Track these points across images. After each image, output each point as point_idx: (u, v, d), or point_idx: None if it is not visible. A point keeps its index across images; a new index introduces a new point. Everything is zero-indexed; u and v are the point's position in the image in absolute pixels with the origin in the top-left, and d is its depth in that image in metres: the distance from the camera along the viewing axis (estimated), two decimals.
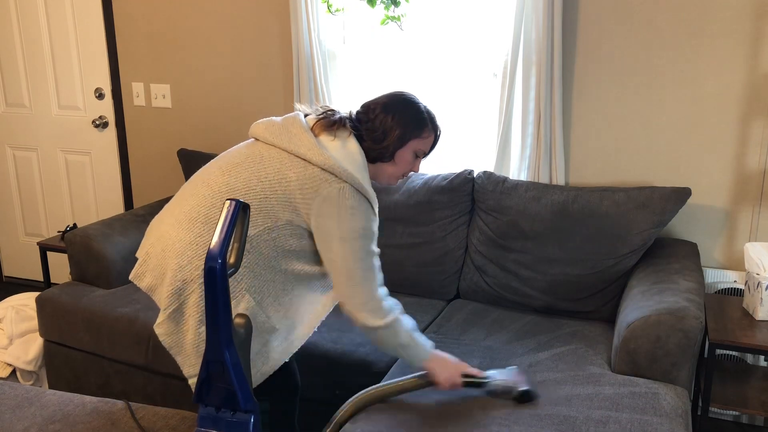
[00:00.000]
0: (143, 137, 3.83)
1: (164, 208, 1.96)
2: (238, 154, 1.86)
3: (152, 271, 1.84)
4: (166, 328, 1.81)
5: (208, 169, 1.90)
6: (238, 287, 1.73)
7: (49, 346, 2.91)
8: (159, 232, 1.86)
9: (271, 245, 1.75)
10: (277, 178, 1.75)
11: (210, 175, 1.84)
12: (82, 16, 3.77)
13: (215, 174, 1.83)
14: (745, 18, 2.56)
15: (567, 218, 2.63)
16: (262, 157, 1.79)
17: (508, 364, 2.19)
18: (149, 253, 1.86)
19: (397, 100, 1.86)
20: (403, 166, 1.89)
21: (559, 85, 2.75)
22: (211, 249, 1.37)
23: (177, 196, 1.93)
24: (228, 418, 1.44)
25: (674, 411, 1.89)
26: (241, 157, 1.82)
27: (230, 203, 1.43)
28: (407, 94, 1.90)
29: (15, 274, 4.43)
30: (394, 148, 1.84)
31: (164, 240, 1.82)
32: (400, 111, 1.84)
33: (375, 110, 1.85)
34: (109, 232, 2.98)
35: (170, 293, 1.76)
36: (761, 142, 2.63)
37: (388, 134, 1.83)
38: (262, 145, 1.83)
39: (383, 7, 3.04)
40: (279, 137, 1.79)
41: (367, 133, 1.84)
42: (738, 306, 2.45)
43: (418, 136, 1.86)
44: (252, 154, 1.81)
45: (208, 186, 1.81)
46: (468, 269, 2.80)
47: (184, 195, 1.88)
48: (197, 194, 1.82)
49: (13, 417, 1.87)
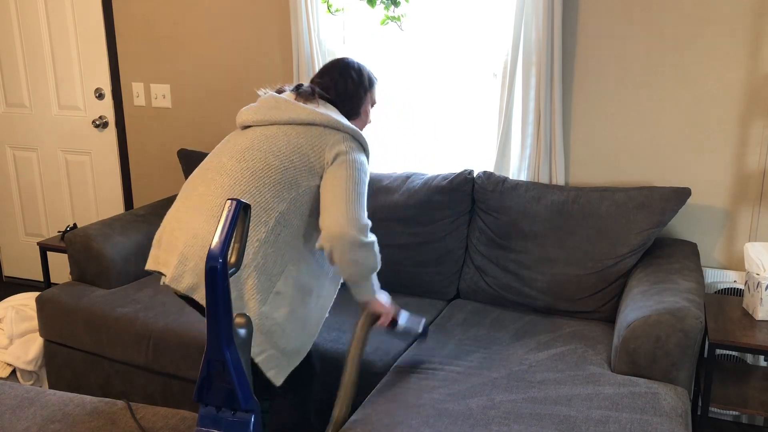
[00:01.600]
0: (143, 137, 3.83)
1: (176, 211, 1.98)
2: (240, 141, 1.97)
3: (192, 270, 1.86)
4: None
5: (216, 161, 1.96)
6: (282, 262, 1.88)
7: (49, 346, 2.92)
8: (190, 231, 1.89)
9: (298, 214, 1.91)
10: (290, 149, 1.92)
11: (223, 166, 1.93)
12: (82, 16, 3.78)
13: (228, 163, 1.92)
14: (745, 18, 2.56)
15: (567, 218, 2.63)
16: (266, 137, 1.95)
17: (509, 363, 2.20)
18: (185, 254, 1.88)
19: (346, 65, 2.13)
20: (366, 117, 2.19)
21: (559, 85, 2.75)
22: (212, 249, 1.37)
23: (188, 195, 1.97)
24: (228, 417, 1.44)
25: (674, 411, 1.89)
26: (246, 142, 1.96)
27: (231, 203, 1.43)
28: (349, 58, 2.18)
29: (15, 274, 4.43)
30: (358, 104, 2.12)
31: (201, 237, 1.87)
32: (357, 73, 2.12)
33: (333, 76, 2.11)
34: (109, 232, 2.98)
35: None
36: (761, 142, 2.63)
37: (356, 95, 2.11)
38: (259, 128, 1.99)
39: (383, 7, 3.04)
40: (275, 115, 1.97)
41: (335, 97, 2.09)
42: (738, 306, 2.45)
43: (370, 88, 2.17)
44: (256, 137, 1.96)
45: (228, 176, 1.91)
46: (468, 269, 2.80)
47: (200, 192, 1.93)
48: (219, 186, 1.90)
49: (13, 417, 1.87)
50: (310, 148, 1.91)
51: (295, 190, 1.90)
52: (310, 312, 1.97)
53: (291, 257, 1.90)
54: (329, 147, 1.92)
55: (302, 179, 1.91)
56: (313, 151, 1.91)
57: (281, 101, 2.01)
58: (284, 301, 1.89)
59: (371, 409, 1.97)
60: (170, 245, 1.95)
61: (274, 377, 1.89)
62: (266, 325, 1.85)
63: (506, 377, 2.11)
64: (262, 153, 1.91)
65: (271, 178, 1.88)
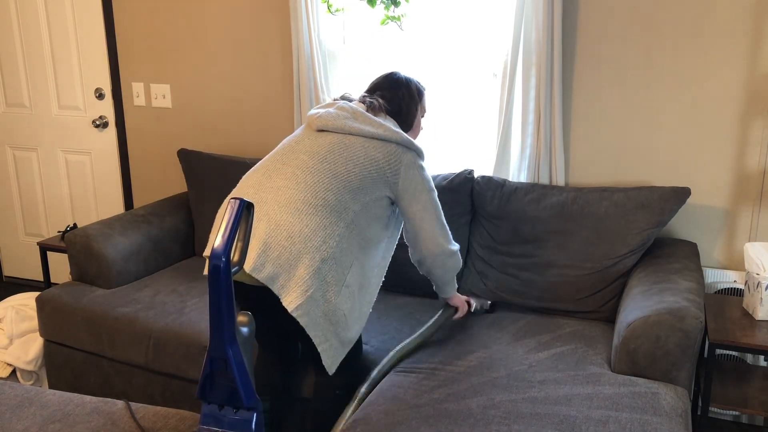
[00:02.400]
0: (143, 137, 3.83)
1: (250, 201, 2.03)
2: (319, 143, 2.10)
3: (275, 260, 1.93)
4: (305, 309, 1.92)
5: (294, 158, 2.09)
6: (351, 257, 2.04)
7: (49, 346, 2.91)
8: (273, 221, 1.97)
9: (367, 217, 2.08)
10: (368, 160, 2.07)
11: (304, 163, 2.07)
12: (82, 16, 3.78)
13: (310, 162, 2.06)
14: (745, 18, 2.56)
15: (567, 220, 2.63)
16: (346, 146, 2.09)
17: (509, 363, 2.20)
18: (268, 243, 1.94)
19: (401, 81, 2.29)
20: (418, 129, 2.36)
21: (559, 85, 2.76)
22: (215, 248, 1.37)
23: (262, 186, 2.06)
24: (231, 415, 1.44)
25: (674, 411, 1.90)
26: (327, 146, 2.09)
27: (234, 202, 1.43)
28: (399, 73, 2.32)
29: (15, 274, 4.43)
30: (413, 118, 2.30)
31: (285, 228, 1.95)
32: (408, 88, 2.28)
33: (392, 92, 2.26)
34: (109, 232, 2.98)
35: (311, 275, 1.93)
36: (761, 142, 2.64)
37: (412, 109, 2.28)
38: (337, 135, 2.12)
39: (383, 7, 3.05)
40: (353, 126, 2.11)
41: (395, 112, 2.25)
42: (738, 306, 2.45)
43: (422, 102, 2.33)
44: (336, 143, 2.10)
45: (311, 174, 2.04)
46: (468, 270, 2.80)
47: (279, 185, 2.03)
48: (302, 182, 2.02)
49: (13, 417, 1.87)
50: (386, 163, 2.08)
51: (369, 195, 2.07)
52: (364, 306, 2.14)
53: (357, 254, 2.07)
54: (404, 167, 2.11)
55: (376, 188, 2.08)
56: (389, 166, 2.09)
57: (358, 113, 2.15)
58: (351, 294, 2.05)
59: (371, 409, 1.97)
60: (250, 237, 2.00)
61: (330, 366, 2.02)
62: (337, 315, 2.00)
63: (506, 377, 2.11)
64: (343, 159, 2.06)
65: (351, 183, 2.04)
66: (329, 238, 1.98)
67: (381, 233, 2.16)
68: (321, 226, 1.97)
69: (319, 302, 1.95)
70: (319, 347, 1.98)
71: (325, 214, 1.99)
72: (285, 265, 1.93)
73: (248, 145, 3.57)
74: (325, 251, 1.96)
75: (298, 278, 1.93)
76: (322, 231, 1.97)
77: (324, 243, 1.96)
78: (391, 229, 2.22)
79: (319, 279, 1.95)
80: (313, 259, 1.94)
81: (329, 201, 2.01)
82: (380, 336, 2.47)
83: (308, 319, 1.94)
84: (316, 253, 1.94)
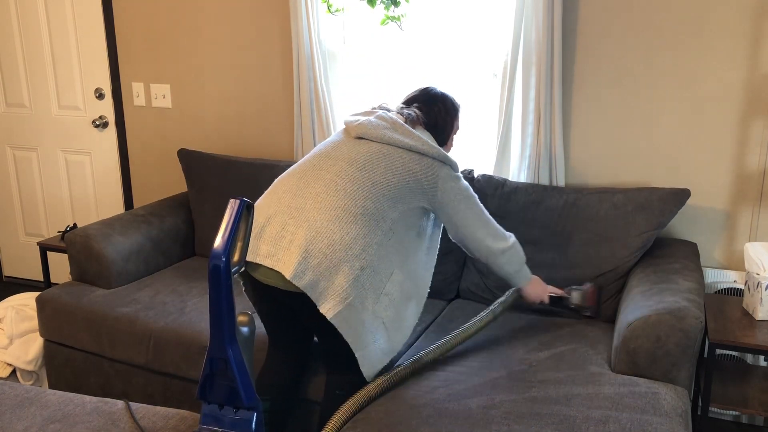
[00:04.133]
0: (143, 137, 3.83)
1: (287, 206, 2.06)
2: (358, 151, 2.11)
3: (315, 267, 1.94)
4: (343, 316, 1.93)
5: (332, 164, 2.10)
6: (390, 266, 2.05)
7: (49, 346, 2.91)
8: (313, 228, 1.98)
9: (405, 225, 2.10)
10: (406, 171, 2.09)
11: (343, 171, 2.07)
12: (82, 16, 3.78)
13: (349, 170, 2.07)
14: (745, 18, 2.56)
15: (567, 222, 2.63)
16: (385, 155, 2.10)
17: (509, 363, 2.20)
18: (309, 250, 1.95)
19: (437, 96, 2.31)
20: (451, 144, 2.39)
21: (559, 86, 2.76)
22: (215, 248, 1.38)
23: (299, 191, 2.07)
24: (231, 415, 1.44)
25: (674, 411, 1.90)
26: (366, 154, 2.10)
27: (234, 202, 1.44)
28: (436, 88, 2.34)
29: (15, 274, 4.43)
30: (449, 133, 2.33)
31: (326, 236, 1.96)
32: (444, 103, 2.30)
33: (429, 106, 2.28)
34: (109, 232, 2.98)
35: (350, 283, 1.95)
36: (761, 142, 2.64)
37: (447, 124, 2.31)
38: (375, 144, 2.13)
39: (383, 7, 3.05)
40: (392, 137, 2.12)
41: (431, 126, 2.27)
42: (738, 306, 2.45)
43: (456, 118, 2.35)
44: (374, 152, 2.11)
45: (350, 181, 2.05)
46: (468, 270, 2.80)
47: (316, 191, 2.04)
48: (342, 189, 2.03)
49: (13, 417, 1.87)
50: (423, 176, 2.10)
51: (406, 204, 2.09)
52: (408, 317, 2.15)
53: (397, 263, 2.08)
54: (441, 180, 2.13)
55: (413, 198, 2.10)
56: (426, 179, 2.11)
57: (398, 124, 2.16)
58: (391, 303, 2.06)
59: (371, 409, 1.97)
60: (281, 239, 2.01)
61: (368, 373, 2.04)
62: (375, 324, 2.01)
63: (506, 377, 2.11)
64: (382, 169, 2.08)
65: (390, 191, 2.06)
66: (368, 247, 2.00)
67: (417, 242, 2.18)
68: (360, 235, 1.99)
69: (358, 309, 1.97)
70: (357, 353, 1.99)
71: (364, 222, 2.01)
72: (325, 273, 1.94)
73: (248, 145, 3.57)
74: (364, 259, 1.98)
75: (337, 286, 1.94)
76: (361, 239, 1.99)
77: (363, 251, 1.98)
78: (427, 238, 2.24)
79: (357, 287, 1.96)
80: (352, 268, 1.96)
81: (368, 209, 2.03)
82: None
83: (347, 326, 1.96)
84: (355, 262, 1.96)
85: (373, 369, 2.05)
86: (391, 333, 2.08)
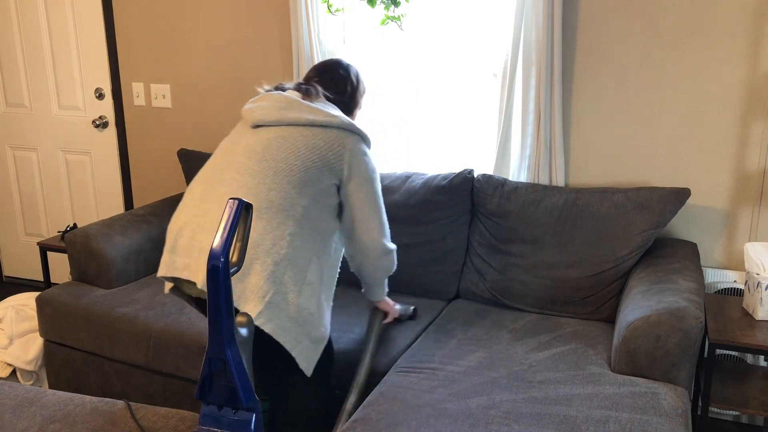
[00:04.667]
0: (143, 137, 3.83)
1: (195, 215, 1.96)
2: (256, 141, 2.01)
3: None
4: (267, 315, 1.86)
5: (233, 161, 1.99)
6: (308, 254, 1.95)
7: (49, 346, 2.91)
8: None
9: (318, 209, 2.00)
10: (308, 149, 1.98)
11: (243, 165, 1.97)
12: (82, 16, 3.78)
13: (248, 163, 1.97)
14: (745, 18, 2.56)
15: (567, 222, 2.63)
16: (284, 139, 1.99)
17: (509, 363, 2.20)
18: None
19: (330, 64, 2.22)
20: (356, 117, 2.29)
21: (559, 85, 2.76)
22: (214, 248, 1.37)
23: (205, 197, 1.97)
24: (230, 416, 1.44)
25: (674, 411, 1.89)
26: (264, 143, 2.00)
27: (233, 202, 1.43)
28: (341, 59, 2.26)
29: (15, 274, 4.43)
30: (355, 101, 2.24)
31: None
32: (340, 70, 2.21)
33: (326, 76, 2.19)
34: (109, 232, 2.98)
35: (265, 280, 1.85)
36: (761, 142, 2.63)
37: (349, 91, 2.21)
38: (273, 128, 2.02)
39: (383, 7, 3.05)
40: (289, 116, 2.01)
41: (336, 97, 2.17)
42: (738, 306, 2.45)
43: (359, 83, 2.26)
44: (272, 138, 2.00)
45: (251, 176, 1.95)
46: (468, 270, 2.80)
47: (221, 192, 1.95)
48: (243, 185, 1.94)
49: (13, 417, 1.87)
50: (329, 150, 1.99)
51: (316, 186, 1.99)
52: (327, 300, 2.08)
53: (315, 250, 1.99)
54: (348, 152, 2.02)
55: (323, 178, 2.00)
56: (332, 152, 2.00)
57: (293, 102, 2.05)
58: (314, 292, 1.98)
59: (371, 409, 1.97)
60: (192, 249, 1.92)
61: (307, 368, 1.96)
62: (303, 316, 1.93)
63: (506, 377, 2.11)
64: (283, 153, 1.97)
65: (295, 177, 1.95)
66: (280, 240, 1.90)
67: (334, 223, 2.09)
68: (268, 229, 1.89)
69: (281, 306, 1.88)
70: (292, 352, 1.91)
71: (272, 216, 1.91)
72: (238, 275, 1.86)
73: None
74: (277, 253, 1.88)
75: (252, 285, 1.86)
76: (270, 234, 1.89)
77: (274, 246, 1.89)
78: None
79: (275, 283, 1.87)
80: (264, 264, 1.86)
81: (274, 201, 1.92)
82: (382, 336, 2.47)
83: (274, 326, 1.88)
84: (267, 258, 1.87)
85: (312, 363, 1.98)
86: (318, 321, 1.99)
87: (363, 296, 2.81)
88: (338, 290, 2.86)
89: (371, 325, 2.36)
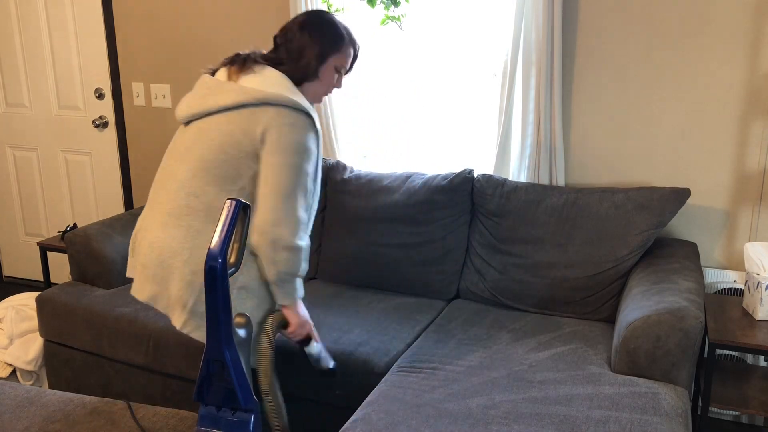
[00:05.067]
0: (143, 137, 3.83)
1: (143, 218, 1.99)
2: (182, 141, 1.92)
3: (152, 279, 1.87)
4: (193, 324, 1.84)
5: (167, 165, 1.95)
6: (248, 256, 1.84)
7: (49, 346, 2.91)
8: (148, 240, 1.89)
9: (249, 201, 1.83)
10: (221, 139, 1.81)
11: (170, 170, 1.91)
12: (82, 16, 3.78)
13: (174, 167, 1.89)
14: (744, 18, 2.56)
15: (567, 221, 2.63)
16: (201, 130, 1.85)
17: (509, 363, 2.20)
18: (145, 264, 1.89)
19: (313, 19, 1.92)
20: (327, 83, 1.95)
21: (559, 86, 2.75)
22: (212, 249, 1.37)
23: (150, 201, 1.97)
24: (228, 417, 1.44)
25: (674, 411, 1.89)
26: (187, 142, 1.90)
27: (230, 203, 1.43)
28: (323, 12, 1.95)
29: (15, 274, 4.43)
30: (316, 65, 1.90)
31: (157, 245, 1.87)
32: (317, 28, 1.90)
33: (292, 30, 1.91)
34: (109, 232, 2.98)
35: (183, 287, 1.81)
36: (761, 142, 2.63)
37: (306, 52, 1.88)
38: (196, 122, 1.89)
39: (383, 7, 3.04)
40: (207, 104, 1.84)
41: (286, 56, 1.90)
42: (738, 306, 2.45)
43: (337, 51, 1.93)
44: (193, 134, 1.89)
45: (174, 179, 1.88)
46: (468, 270, 2.80)
47: (155, 200, 1.93)
48: (169, 191, 1.88)
49: (13, 417, 1.87)
50: (242, 134, 1.77)
51: (239, 180, 1.81)
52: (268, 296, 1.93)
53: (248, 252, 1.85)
54: (262, 126, 1.76)
55: (243, 168, 1.80)
56: (245, 135, 1.77)
57: (213, 86, 1.86)
58: (251, 294, 1.86)
59: (371, 409, 1.97)
60: (138, 254, 1.96)
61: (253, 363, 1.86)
62: None
63: (506, 377, 2.11)
64: (198, 151, 1.83)
65: (211, 175, 1.80)
66: (199, 248, 1.81)
67: None
68: (188, 236, 1.81)
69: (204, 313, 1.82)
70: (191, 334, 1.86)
71: (191, 221, 1.82)
72: (162, 283, 1.85)
73: None
74: (194, 263, 1.81)
75: (174, 296, 1.84)
76: (189, 241, 1.81)
77: (192, 254, 1.81)
78: None
79: (194, 291, 1.82)
80: (182, 273, 1.82)
81: (193, 206, 1.82)
82: (380, 336, 2.47)
83: (201, 333, 1.85)
84: (185, 267, 1.81)
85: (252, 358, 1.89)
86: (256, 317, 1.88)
87: (363, 296, 2.80)
88: (338, 290, 2.86)
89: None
